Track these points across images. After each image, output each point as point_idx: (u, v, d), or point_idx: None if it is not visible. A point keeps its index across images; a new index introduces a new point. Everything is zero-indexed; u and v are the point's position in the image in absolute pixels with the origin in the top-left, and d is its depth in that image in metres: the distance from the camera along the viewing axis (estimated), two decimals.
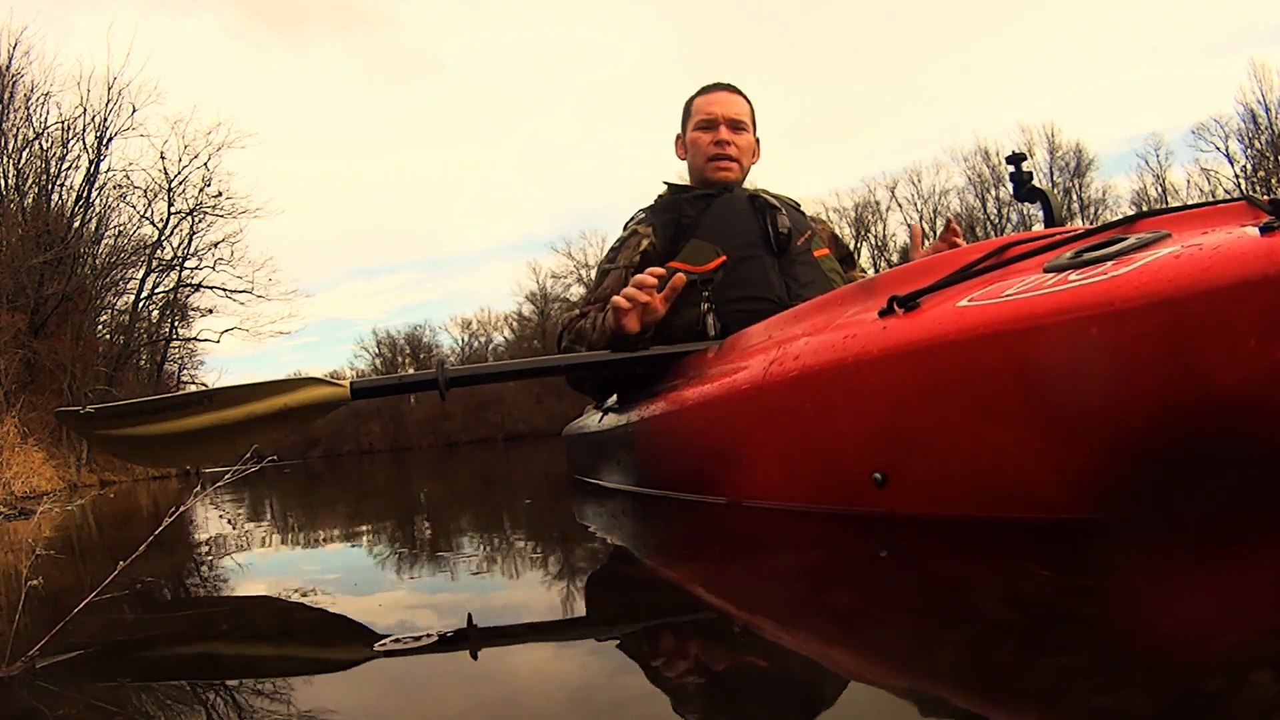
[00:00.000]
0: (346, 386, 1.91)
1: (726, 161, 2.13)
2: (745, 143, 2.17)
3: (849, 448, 1.13)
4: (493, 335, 37.01)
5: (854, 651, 0.69)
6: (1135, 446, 0.83)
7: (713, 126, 2.15)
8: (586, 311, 2.07)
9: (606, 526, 1.60)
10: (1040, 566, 0.84)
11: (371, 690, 0.69)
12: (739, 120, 2.16)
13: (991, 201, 28.26)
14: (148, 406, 1.88)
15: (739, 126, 2.16)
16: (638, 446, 1.87)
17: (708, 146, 2.14)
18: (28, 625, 1.00)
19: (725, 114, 2.15)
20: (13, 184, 17.07)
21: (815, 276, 2.02)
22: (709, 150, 2.14)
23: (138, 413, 1.88)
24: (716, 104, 2.16)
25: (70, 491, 8.94)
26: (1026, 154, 1.93)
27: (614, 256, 2.13)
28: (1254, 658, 0.55)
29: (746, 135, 2.18)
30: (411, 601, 1.04)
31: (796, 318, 1.44)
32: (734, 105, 2.17)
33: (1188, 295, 0.75)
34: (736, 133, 2.15)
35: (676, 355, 1.81)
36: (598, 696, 0.63)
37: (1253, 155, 23.69)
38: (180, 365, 21.73)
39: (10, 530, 3.47)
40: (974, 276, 1.07)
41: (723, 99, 2.18)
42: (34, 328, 14.22)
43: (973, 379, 0.93)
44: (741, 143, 2.16)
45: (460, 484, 4.14)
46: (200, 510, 3.23)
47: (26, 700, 0.74)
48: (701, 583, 1.02)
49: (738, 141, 2.14)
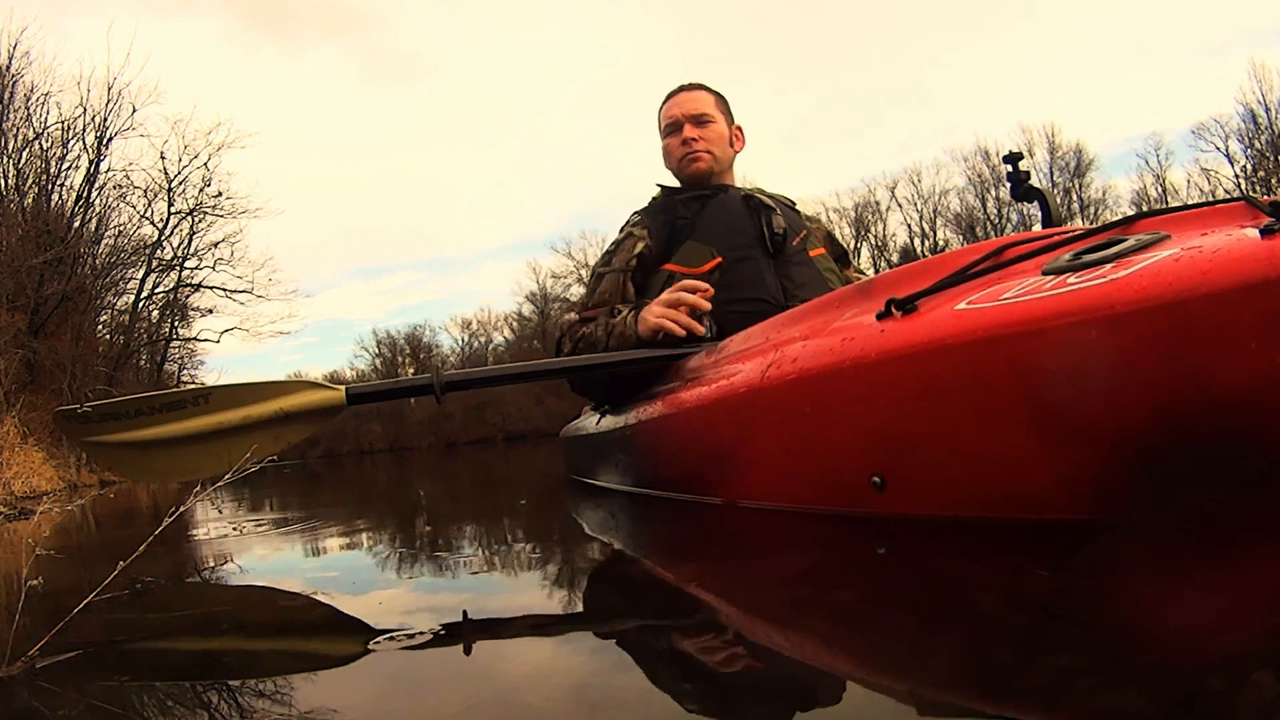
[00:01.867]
0: (342, 392, 1.89)
1: (694, 154, 2.15)
2: (713, 134, 2.18)
3: (847, 451, 1.13)
4: (493, 335, 37.02)
5: (853, 651, 0.69)
6: (1135, 450, 0.83)
7: (677, 128, 2.19)
8: (589, 318, 2.07)
9: (604, 527, 1.60)
10: (1040, 566, 0.84)
11: (372, 690, 0.69)
12: (700, 115, 2.18)
13: (991, 202, 28.26)
14: (144, 405, 1.88)
15: (702, 120, 2.18)
16: (635, 448, 1.86)
17: (677, 148, 2.18)
18: (28, 625, 1.00)
19: (685, 113, 2.18)
20: (13, 184, 17.05)
21: (811, 277, 2.02)
22: (678, 150, 2.18)
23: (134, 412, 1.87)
24: (676, 106, 2.21)
25: (70, 491, 8.93)
26: (1024, 153, 1.93)
27: (609, 259, 2.13)
28: (1254, 658, 0.55)
29: (713, 126, 2.19)
30: (411, 601, 1.04)
31: (794, 320, 1.43)
32: (693, 102, 2.20)
33: (1188, 298, 0.75)
34: (701, 126, 2.17)
35: (673, 357, 1.81)
36: (598, 695, 0.63)
37: (1253, 155, 23.70)
38: (180, 365, 21.71)
39: (10, 530, 3.46)
40: (972, 279, 1.07)
41: (681, 100, 2.22)
42: (34, 328, 14.21)
43: (972, 383, 0.93)
44: (709, 134, 2.17)
45: (460, 484, 4.14)
46: (200, 510, 3.23)
47: (26, 700, 0.74)
48: (700, 583, 1.02)
49: (704, 134, 2.16)
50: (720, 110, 2.22)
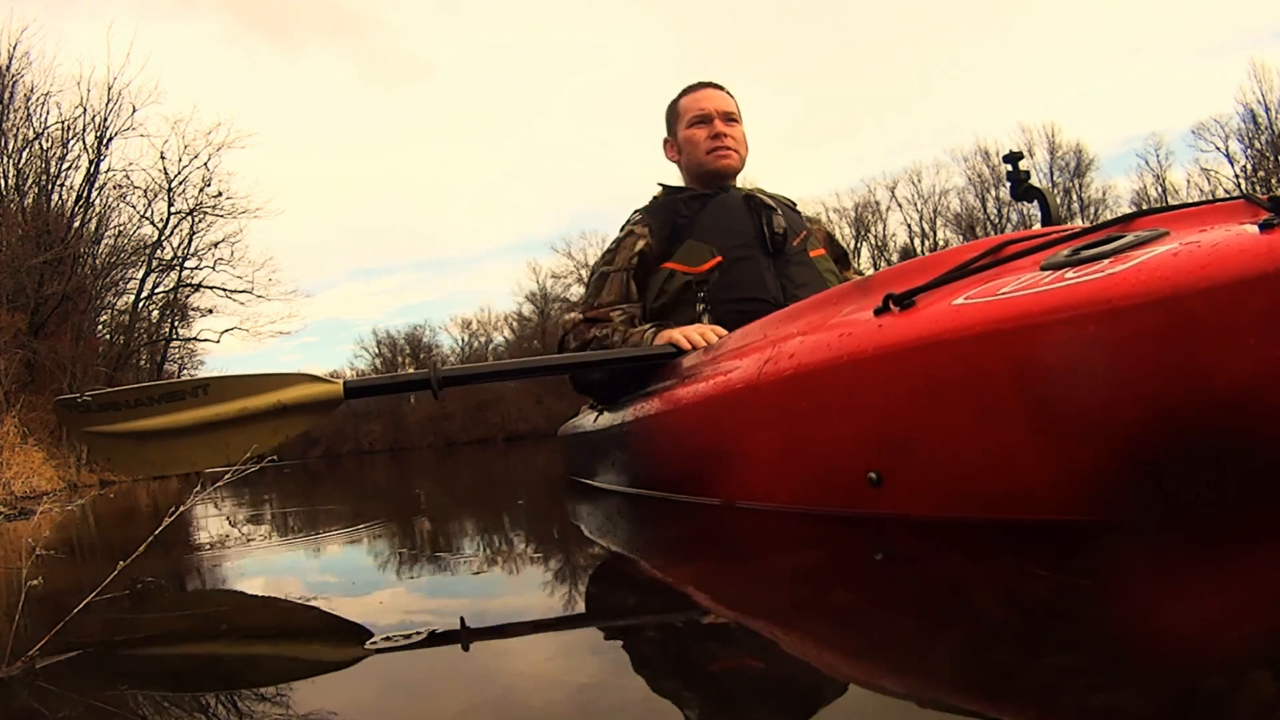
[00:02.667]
0: (340, 385, 1.91)
1: (726, 150, 2.15)
2: (739, 134, 2.20)
3: (844, 448, 1.13)
4: (493, 335, 37.03)
5: (852, 652, 0.69)
6: (1133, 446, 0.83)
7: (707, 121, 2.17)
8: (596, 318, 2.07)
9: (602, 528, 1.60)
10: (1039, 566, 0.84)
11: (372, 691, 0.69)
12: (731, 113, 2.19)
13: (991, 202, 28.24)
14: (143, 395, 1.88)
15: (732, 119, 2.19)
16: (632, 447, 1.86)
17: (705, 140, 2.16)
18: (28, 625, 1.00)
19: (718, 108, 2.17)
20: (13, 184, 17.05)
21: (811, 277, 2.02)
22: (707, 144, 2.15)
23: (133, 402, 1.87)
24: (707, 100, 2.19)
25: (70, 491, 8.93)
26: (1023, 153, 1.94)
27: (611, 258, 2.13)
28: (1254, 658, 0.55)
29: (739, 127, 2.20)
30: (411, 601, 1.04)
31: (791, 317, 1.43)
32: (723, 100, 2.20)
33: (1187, 293, 0.75)
34: (730, 125, 2.18)
35: (670, 355, 1.81)
36: (598, 697, 0.63)
37: (1253, 155, 23.69)
38: (180, 365, 21.70)
39: (10, 530, 3.46)
40: (970, 275, 1.07)
41: (712, 95, 2.21)
42: (34, 328, 14.21)
43: (969, 378, 0.93)
44: (736, 134, 2.18)
45: (459, 485, 4.14)
46: (200, 510, 3.23)
47: (26, 700, 0.74)
48: (700, 583, 1.02)
49: (733, 133, 2.17)
50: (740, 114, 2.23)
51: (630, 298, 2.08)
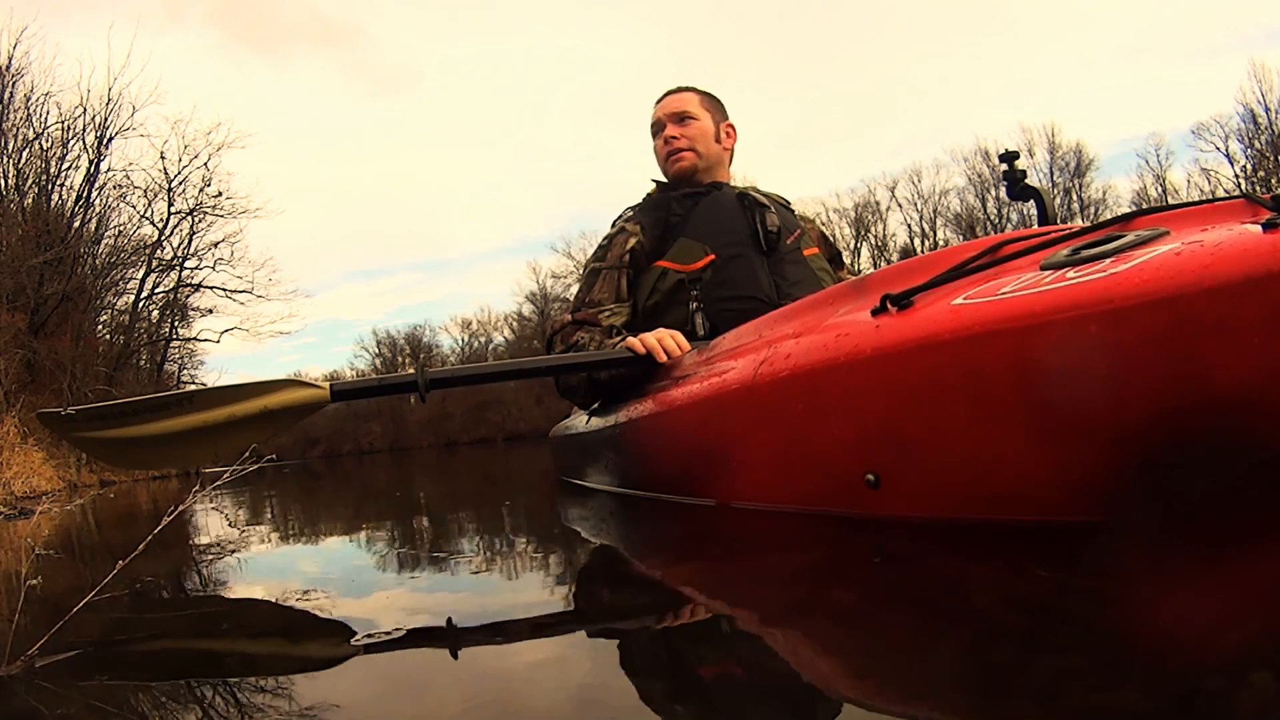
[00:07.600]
0: (326, 388, 1.91)
1: (675, 153, 2.17)
2: (695, 130, 2.19)
3: (841, 449, 1.12)
4: (493, 335, 37.01)
5: (851, 652, 0.69)
6: (1135, 446, 0.83)
7: (660, 129, 2.21)
8: (583, 320, 2.07)
9: (595, 529, 1.60)
10: (1039, 566, 0.83)
11: (371, 691, 0.69)
12: (681, 113, 2.20)
13: (991, 201, 28.20)
14: (128, 408, 1.88)
15: (683, 118, 2.19)
16: (625, 448, 1.85)
17: (661, 148, 2.21)
18: (27, 625, 1.00)
19: (666, 113, 2.20)
20: (13, 184, 17.05)
21: (804, 275, 2.02)
22: (663, 150, 2.20)
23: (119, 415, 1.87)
24: (660, 109, 2.24)
25: (70, 491, 8.93)
26: (1019, 152, 1.92)
27: (603, 255, 2.13)
28: (1254, 658, 0.55)
29: (695, 123, 2.19)
30: (410, 601, 1.04)
31: (787, 317, 1.42)
32: (675, 102, 2.22)
33: (1189, 293, 0.75)
34: (682, 124, 2.19)
35: (627, 360, 1.81)
36: (597, 697, 0.63)
37: (1253, 155, 23.67)
38: (180, 365, 21.73)
39: (10, 530, 3.46)
40: (968, 274, 1.06)
41: (665, 102, 2.24)
42: (34, 328, 14.22)
43: (968, 378, 0.92)
44: (690, 131, 2.18)
45: (459, 485, 4.14)
46: (200, 510, 3.23)
47: (26, 700, 0.74)
48: (696, 584, 1.02)
49: (684, 132, 2.18)
50: (705, 108, 2.22)
51: (621, 296, 2.08)
